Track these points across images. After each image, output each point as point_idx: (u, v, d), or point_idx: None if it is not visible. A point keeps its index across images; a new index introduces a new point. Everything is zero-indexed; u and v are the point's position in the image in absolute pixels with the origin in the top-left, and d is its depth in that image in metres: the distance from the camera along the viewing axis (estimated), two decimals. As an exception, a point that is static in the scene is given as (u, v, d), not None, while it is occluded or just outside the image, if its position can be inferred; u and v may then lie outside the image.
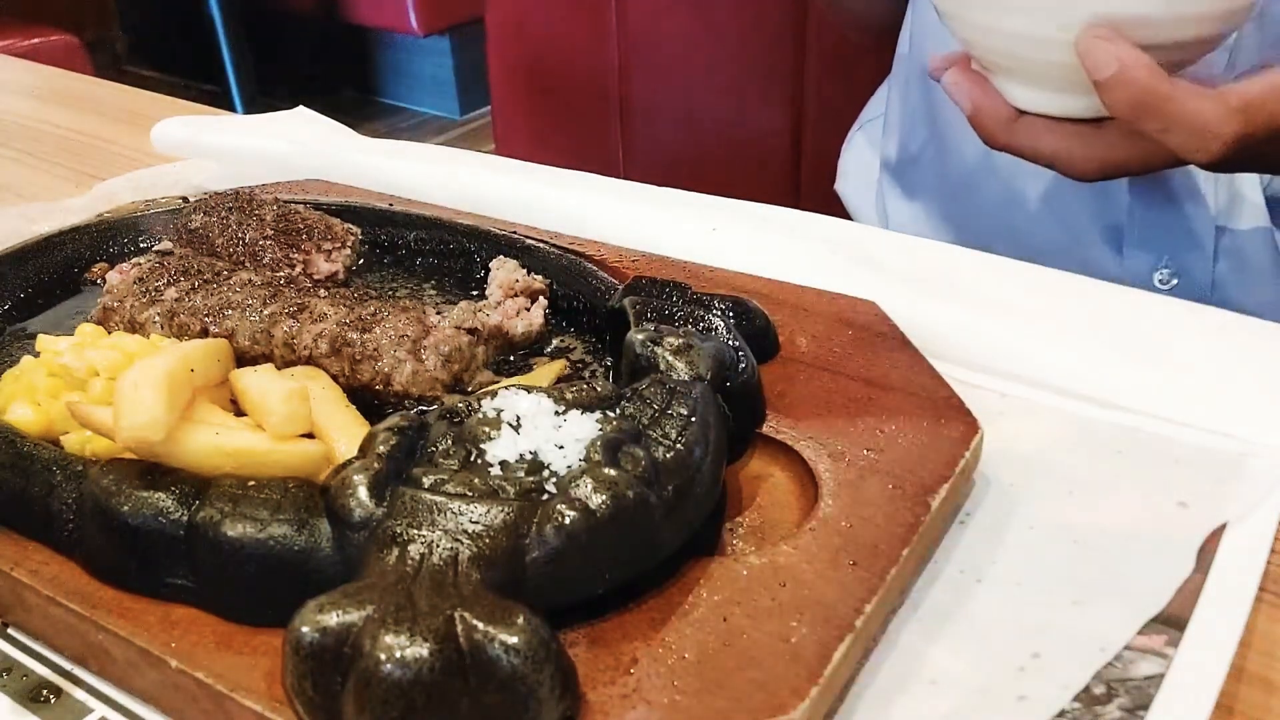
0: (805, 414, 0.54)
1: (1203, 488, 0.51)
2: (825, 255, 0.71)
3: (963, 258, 0.74)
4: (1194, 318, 0.65)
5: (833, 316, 0.63)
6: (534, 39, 1.62)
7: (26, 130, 1.16)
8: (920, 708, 0.41)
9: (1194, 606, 0.44)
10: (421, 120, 3.88)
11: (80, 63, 2.86)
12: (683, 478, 0.44)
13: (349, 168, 0.88)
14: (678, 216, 0.77)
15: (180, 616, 0.43)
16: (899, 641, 0.44)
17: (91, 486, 0.44)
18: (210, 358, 0.52)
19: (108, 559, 0.44)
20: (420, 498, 0.41)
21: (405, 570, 0.39)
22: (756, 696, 0.38)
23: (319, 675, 0.37)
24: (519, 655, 0.36)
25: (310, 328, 0.59)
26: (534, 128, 1.68)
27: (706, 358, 0.52)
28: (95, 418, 0.46)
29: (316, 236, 0.72)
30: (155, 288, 0.64)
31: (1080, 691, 0.41)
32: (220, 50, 3.56)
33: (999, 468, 0.54)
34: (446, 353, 0.58)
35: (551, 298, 0.68)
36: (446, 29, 3.59)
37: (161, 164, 0.96)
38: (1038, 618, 0.45)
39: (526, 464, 0.43)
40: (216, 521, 0.42)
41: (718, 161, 1.50)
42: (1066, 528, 0.50)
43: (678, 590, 0.43)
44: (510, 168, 0.88)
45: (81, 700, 0.44)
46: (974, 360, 0.62)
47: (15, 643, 0.47)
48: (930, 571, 0.48)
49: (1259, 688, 0.43)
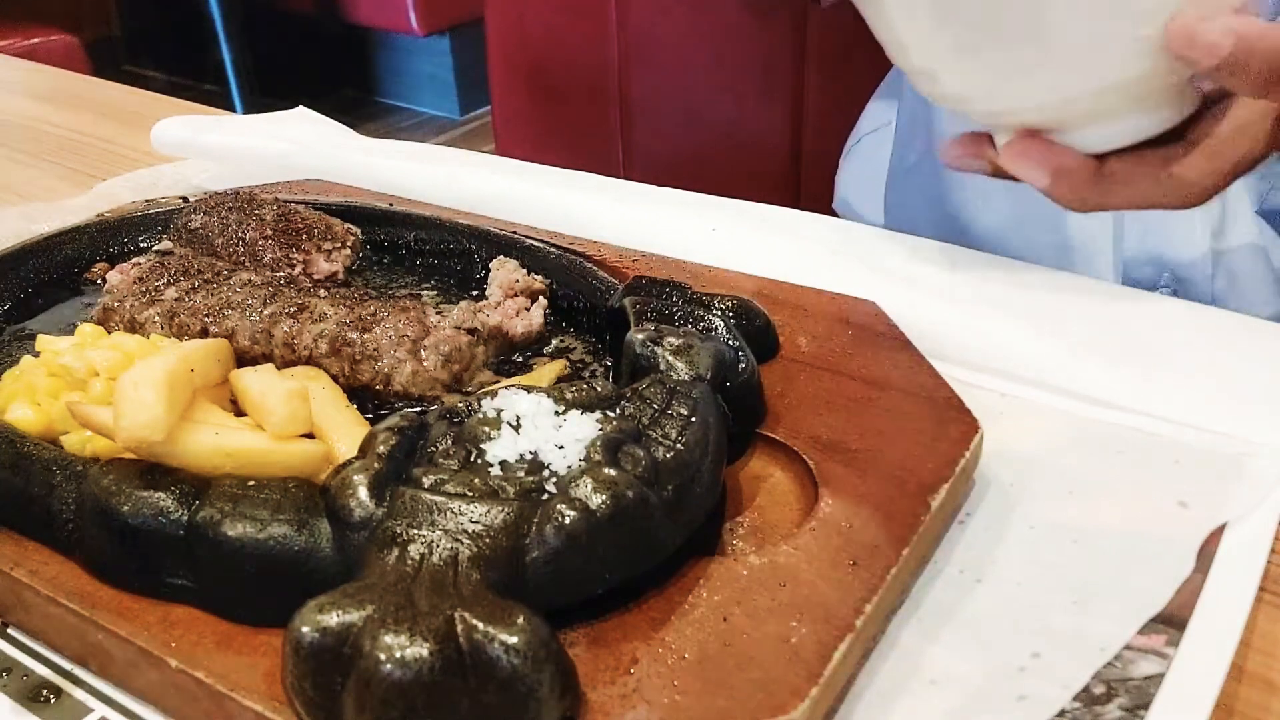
0: (805, 414, 0.54)
1: (1203, 488, 0.51)
2: (825, 255, 0.71)
3: (963, 258, 0.74)
4: (1194, 318, 0.65)
5: (833, 316, 0.63)
6: (534, 39, 1.61)
7: (26, 130, 1.16)
8: (920, 708, 0.41)
9: (1194, 606, 0.44)
10: (421, 120, 3.88)
11: (80, 63, 2.86)
12: (683, 478, 0.44)
13: (349, 168, 0.88)
14: (678, 216, 0.77)
15: (180, 616, 0.43)
16: (899, 641, 0.44)
17: (91, 486, 0.44)
18: (210, 358, 0.52)
19: (108, 559, 0.44)
20: (420, 498, 0.41)
21: (405, 570, 0.39)
22: (756, 696, 0.38)
23: (319, 675, 0.37)
24: (519, 655, 0.36)
25: (310, 328, 0.59)
26: (534, 128, 1.68)
27: (706, 358, 0.52)
28: (95, 418, 0.46)
29: (316, 236, 0.72)
30: (155, 288, 0.64)
31: (1080, 691, 0.41)
32: (220, 50, 3.56)
33: (999, 468, 0.54)
34: (446, 353, 0.58)
35: (551, 298, 0.68)
36: (446, 29, 3.59)
37: (161, 164, 0.96)
38: (1038, 618, 0.45)
39: (526, 464, 0.43)
40: (216, 521, 0.42)
41: (718, 161, 1.50)
42: (1066, 528, 0.50)
43: (678, 590, 0.43)
44: (510, 168, 0.88)
45: (81, 700, 0.44)
46: (974, 360, 0.62)
47: (15, 643, 0.47)
48: (930, 571, 0.48)
49: (1259, 688, 0.43)
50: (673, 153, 1.55)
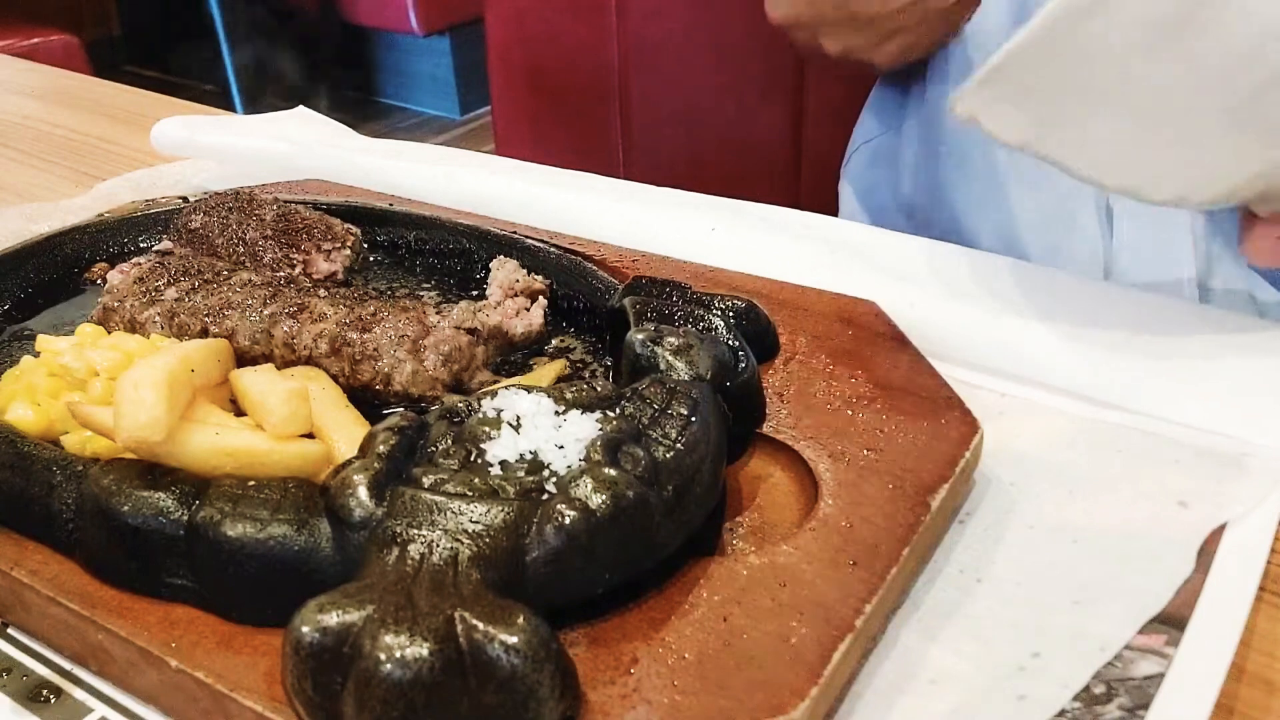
0: (805, 414, 0.54)
1: (1203, 488, 0.51)
2: (825, 255, 0.71)
3: (962, 258, 0.74)
4: (1194, 317, 0.65)
5: (833, 316, 0.63)
6: (534, 39, 1.62)
7: (26, 130, 1.16)
8: (920, 708, 0.41)
9: (1194, 606, 0.44)
10: (421, 120, 3.88)
11: (80, 63, 2.86)
12: (683, 478, 0.44)
13: (349, 168, 0.88)
14: (678, 216, 0.77)
15: (180, 616, 0.43)
16: (899, 641, 0.44)
17: (91, 486, 0.44)
18: (210, 358, 0.52)
19: (108, 559, 0.44)
20: (420, 498, 0.41)
21: (405, 570, 0.39)
22: (756, 696, 0.38)
23: (319, 675, 0.37)
24: (519, 655, 0.36)
25: (310, 328, 0.59)
26: (534, 128, 1.68)
27: (706, 358, 0.52)
28: (95, 418, 0.46)
29: (316, 236, 0.72)
30: (155, 288, 0.64)
31: (1080, 691, 0.41)
32: (220, 50, 3.56)
33: (999, 468, 0.54)
34: (446, 352, 0.58)
35: (551, 298, 0.68)
36: (446, 29, 3.60)
37: (161, 164, 0.96)
38: (1038, 618, 0.45)
39: (526, 464, 0.43)
40: (216, 521, 0.42)
41: (718, 161, 1.50)
42: (1066, 528, 0.50)
43: (678, 590, 0.43)
44: (510, 168, 0.88)
45: (81, 700, 0.44)
46: (974, 360, 0.62)
47: (15, 643, 0.47)
48: (930, 571, 0.48)
49: (1259, 688, 0.43)
50: (673, 153, 1.55)
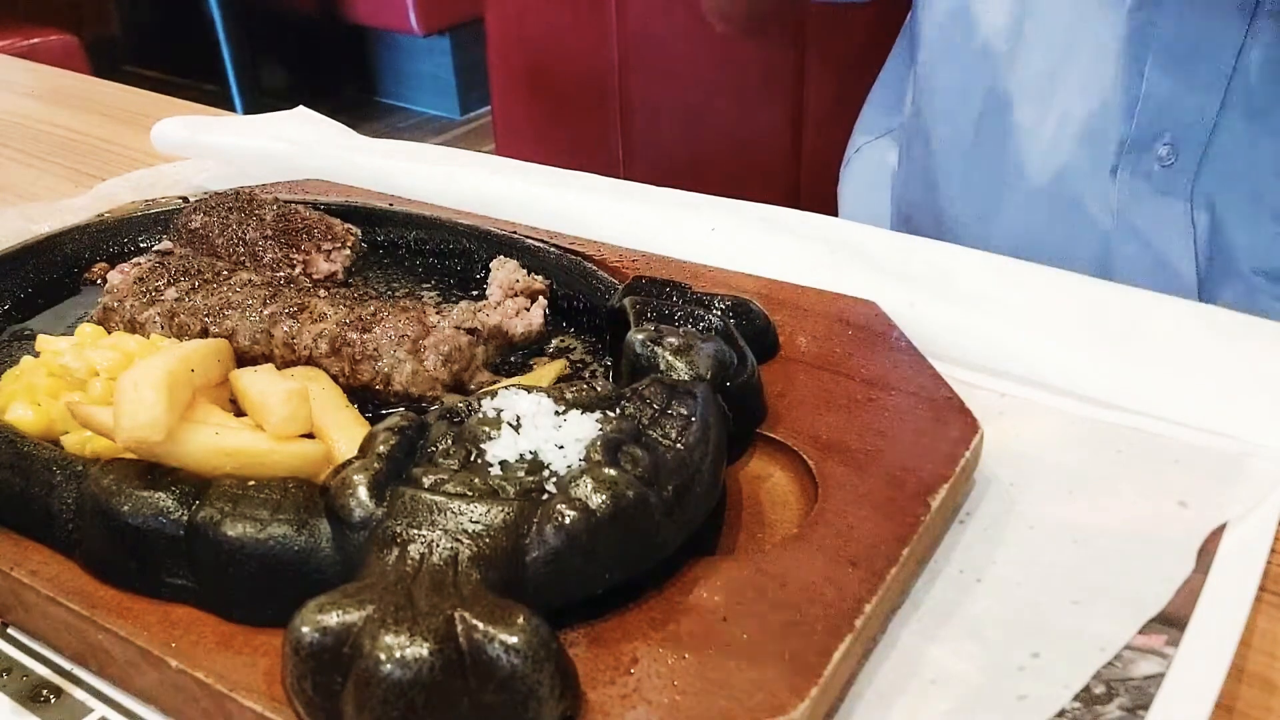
0: (805, 414, 0.54)
1: (1203, 488, 0.51)
2: (825, 255, 0.71)
3: (962, 257, 0.74)
4: (1194, 317, 0.65)
5: (833, 316, 0.63)
6: (534, 39, 1.62)
7: (26, 130, 1.16)
8: (920, 708, 0.41)
9: (1194, 606, 0.44)
10: (421, 120, 3.88)
11: (80, 62, 2.86)
12: (683, 478, 0.44)
13: (349, 168, 0.88)
14: (678, 216, 0.77)
15: (180, 616, 0.43)
16: (899, 641, 0.44)
17: (91, 486, 0.44)
18: (210, 358, 0.52)
19: (108, 559, 0.44)
20: (420, 498, 0.41)
21: (405, 570, 0.39)
22: (756, 696, 0.38)
23: (319, 675, 0.37)
24: (519, 655, 0.36)
25: (310, 328, 0.59)
26: (534, 128, 1.69)
27: (706, 358, 0.52)
28: (95, 418, 0.46)
29: (316, 236, 0.72)
30: (155, 288, 0.64)
31: (1080, 691, 0.41)
32: (220, 50, 3.56)
33: (999, 467, 0.53)
34: (446, 352, 0.58)
35: (551, 298, 0.68)
36: (446, 29, 3.60)
37: (161, 164, 0.96)
38: (1038, 618, 0.45)
39: (526, 464, 0.43)
40: (216, 521, 0.42)
41: (718, 161, 1.50)
42: (1066, 527, 0.50)
43: (678, 590, 0.43)
44: (510, 168, 0.88)
45: (81, 700, 0.44)
46: (974, 360, 0.62)
47: (15, 643, 0.47)
48: (930, 571, 0.48)
49: (1259, 688, 0.43)
50: (673, 153, 1.55)
